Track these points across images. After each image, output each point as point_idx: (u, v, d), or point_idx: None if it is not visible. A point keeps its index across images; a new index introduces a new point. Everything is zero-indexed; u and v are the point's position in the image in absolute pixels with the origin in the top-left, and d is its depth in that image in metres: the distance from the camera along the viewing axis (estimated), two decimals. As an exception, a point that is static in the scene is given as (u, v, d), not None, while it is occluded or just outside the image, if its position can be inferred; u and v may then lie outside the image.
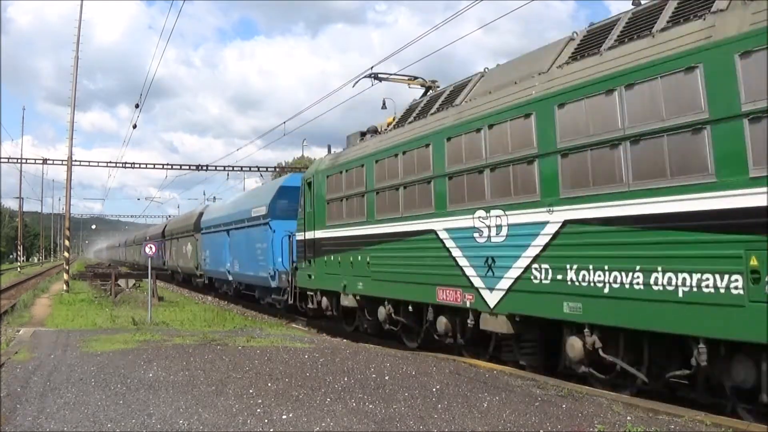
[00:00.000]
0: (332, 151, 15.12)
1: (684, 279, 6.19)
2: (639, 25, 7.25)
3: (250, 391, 7.04)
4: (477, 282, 9.15)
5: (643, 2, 7.60)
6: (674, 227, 6.32)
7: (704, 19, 6.28)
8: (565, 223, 7.62)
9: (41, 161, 41.68)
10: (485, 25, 16.85)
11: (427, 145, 10.40)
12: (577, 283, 7.41)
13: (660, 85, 6.54)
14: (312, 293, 15.22)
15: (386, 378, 7.79)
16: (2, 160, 38.65)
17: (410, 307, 11.08)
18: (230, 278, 23.83)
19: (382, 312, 11.98)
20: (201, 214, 29.82)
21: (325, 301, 14.61)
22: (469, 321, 9.46)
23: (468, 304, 9.33)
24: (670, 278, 6.33)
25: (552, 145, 7.85)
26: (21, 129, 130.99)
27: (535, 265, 8.04)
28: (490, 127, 8.98)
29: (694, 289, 6.07)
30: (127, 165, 41.16)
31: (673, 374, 6.74)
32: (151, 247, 17.29)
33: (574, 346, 7.64)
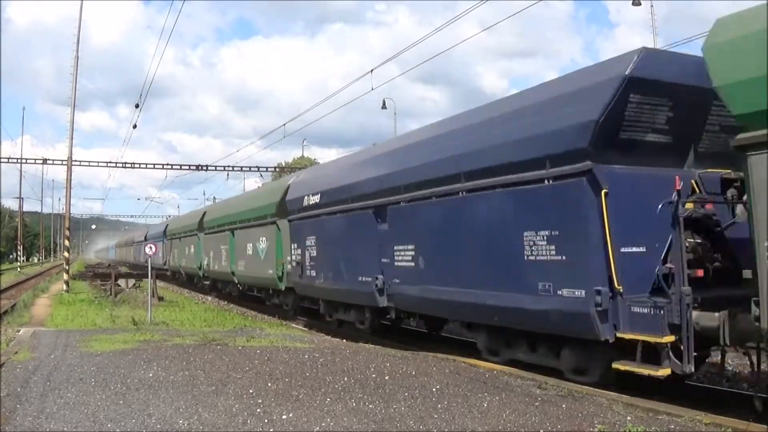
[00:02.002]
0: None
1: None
2: None
3: (250, 391, 7.04)
4: None
5: (643, 2, 7.68)
6: None
7: None
8: None
9: (41, 161, 41.75)
10: (487, 29, 16.93)
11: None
12: None
13: None
14: None
15: (386, 378, 7.79)
16: (2, 160, 38.70)
17: None
18: None
19: None
20: None
21: None
22: None
23: None
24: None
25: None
26: (21, 129, 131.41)
27: None
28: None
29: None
30: (127, 165, 41.26)
31: None
32: (151, 247, 17.33)
33: None
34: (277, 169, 55.23)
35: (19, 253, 67.17)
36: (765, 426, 5.66)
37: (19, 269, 52.58)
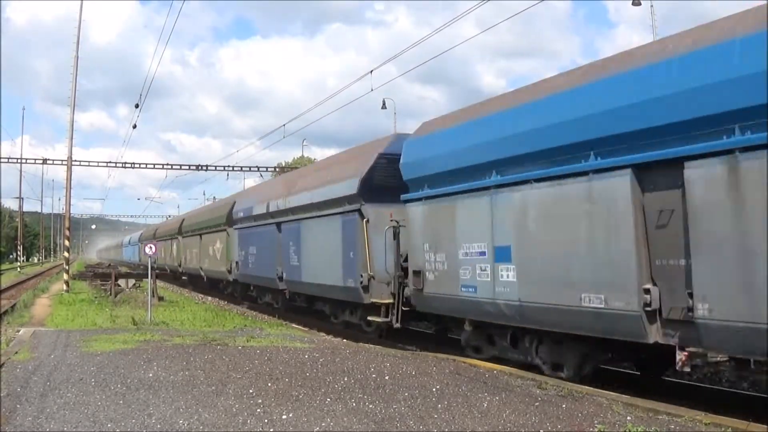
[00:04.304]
0: None
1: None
2: None
3: (250, 391, 7.04)
4: None
5: (643, 2, 7.63)
6: None
7: None
8: None
9: (41, 161, 41.84)
10: (487, 29, 16.95)
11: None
12: None
13: None
14: None
15: (386, 378, 7.79)
16: (2, 160, 38.73)
17: None
18: None
19: None
20: None
21: None
22: None
23: None
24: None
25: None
26: (21, 129, 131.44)
27: None
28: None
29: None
30: (127, 165, 41.37)
31: None
32: (151, 247, 17.32)
33: None
34: (277, 169, 55.22)
35: (19, 253, 67.16)
36: (765, 426, 5.66)
37: (19, 269, 52.57)
